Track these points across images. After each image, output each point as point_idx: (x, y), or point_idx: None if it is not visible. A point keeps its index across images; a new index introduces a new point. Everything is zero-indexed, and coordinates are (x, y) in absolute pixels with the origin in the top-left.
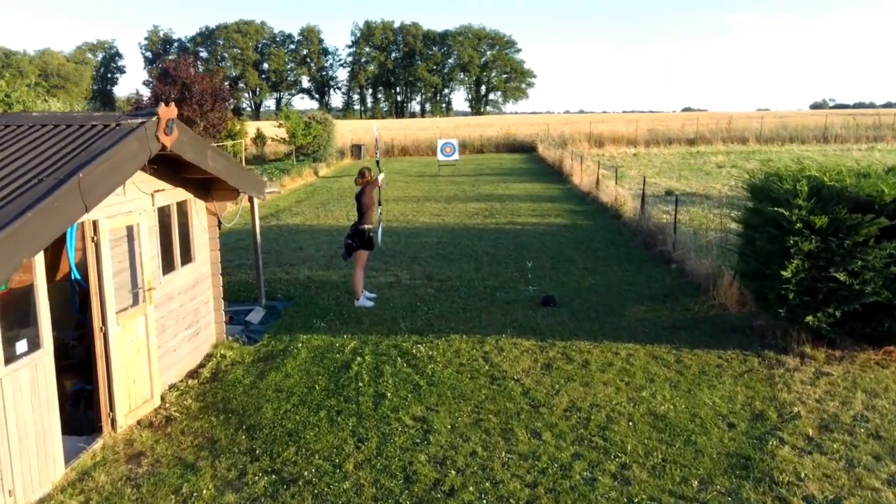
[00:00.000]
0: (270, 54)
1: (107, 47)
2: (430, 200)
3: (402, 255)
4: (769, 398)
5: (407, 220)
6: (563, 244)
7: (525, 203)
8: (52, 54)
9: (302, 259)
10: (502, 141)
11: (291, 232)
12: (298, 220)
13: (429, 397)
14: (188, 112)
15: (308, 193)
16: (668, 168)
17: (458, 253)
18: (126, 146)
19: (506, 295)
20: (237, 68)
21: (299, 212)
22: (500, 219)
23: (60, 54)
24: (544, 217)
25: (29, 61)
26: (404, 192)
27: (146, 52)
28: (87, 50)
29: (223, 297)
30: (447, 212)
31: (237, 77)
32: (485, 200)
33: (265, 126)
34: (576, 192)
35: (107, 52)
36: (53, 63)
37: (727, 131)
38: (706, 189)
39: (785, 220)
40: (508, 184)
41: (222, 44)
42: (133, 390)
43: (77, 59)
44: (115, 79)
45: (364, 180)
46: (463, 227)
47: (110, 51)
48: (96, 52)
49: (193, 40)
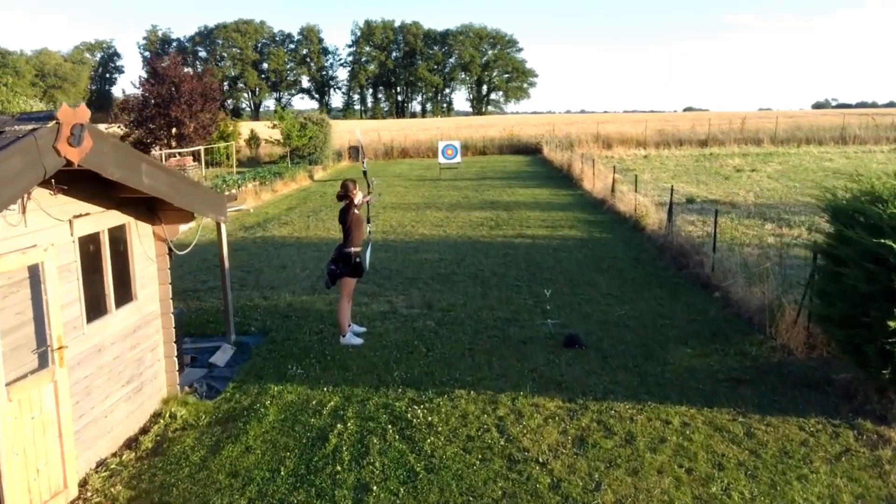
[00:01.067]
0: (270, 54)
1: (105, 47)
2: (431, 208)
3: (399, 276)
4: (885, 499)
5: (405, 231)
6: (582, 263)
7: (534, 212)
8: (49, 54)
9: (284, 280)
10: (506, 142)
11: (277, 246)
12: (286, 231)
13: (427, 493)
14: (177, 112)
15: (300, 199)
16: (683, 171)
17: (462, 273)
18: (2, 163)
19: (520, 330)
20: (236, 68)
21: (289, 221)
22: (507, 230)
23: (58, 54)
24: (557, 228)
25: (26, 61)
26: (403, 199)
27: (145, 51)
28: (85, 50)
29: (186, 333)
30: (449, 222)
31: (236, 77)
32: (490, 208)
33: (260, 127)
34: (588, 199)
35: (105, 52)
36: (50, 63)
37: (740, 132)
38: (729, 195)
39: (893, 255)
40: (514, 189)
41: (221, 43)
42: (36, 483)
43: (75, 59)
44: (114, 79)
45: (349, 195)
46: (467, 241)
47: (108, 51)
48: (94, 52)
49: (192, 40)
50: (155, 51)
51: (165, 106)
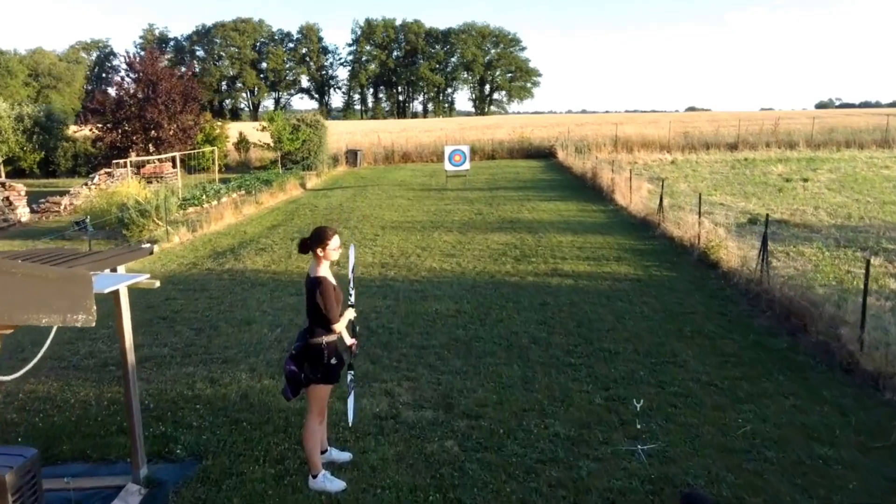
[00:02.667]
0: (269, 53)
1: (101, 46)
2: (439, 229)
3: (403, 342)
4: None
5: (408, 264)
6: (652, 321)
7: (565, 235)
8: (43, 53)
9: (245, 348)
10: (516, 145)
11: (246, 285)
12: (263, 261)
13: None
14: (153, 114)
15: (287, 215)
16: (724, 181)
17: (489, 338)
18: None
19: (597, 464)
20: (234, 67)
21: (268, 245)
22: (538, 264)
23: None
24: (600, 261)
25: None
26: (405, 215)
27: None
28: (81, 49)
29: (79, 455)
30: (463, 249)
31: (234, 77)
32: (510, 229)
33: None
34: (627, 217)
35: (101, 52)
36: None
37: (773, 134)
38: (794, 214)
39: None
40: (534, 203)
41: (219, 42)
42: None
43: (70, 58)
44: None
45: (321, 247)
46: (489, 280)
47: (105, 50)
48: (90, 51)
49: (190, 39)
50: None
51: (141, 107)
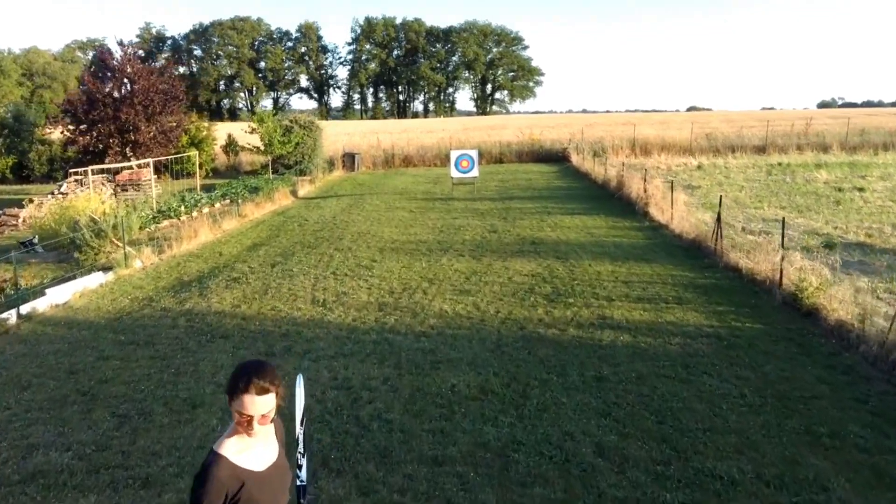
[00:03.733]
0: (267, 52)
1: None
2: (448, 252)
3: (407, 451)
4: None
5: (413, 305)
6: (763, 413)
7: (602, 262)
8: (38, 53)
9: (179, 454)
10: (525, 148)
11: (204, 336)
12: (231, 298)
13: None
14: (128, 115)
15: (273, 230)
16: (766, 190)
17: (531, 442)
18: None
19: None
20: (232, 67)
21: (242, 274)
22: (578, 307)
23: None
24: (657, 304)
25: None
26: (407, 232)
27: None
28: (77, 48)
29: None
30: (479, 282)
31: (233, 76)
32: (533, 253)
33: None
34: (669, 237)
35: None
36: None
37: (804, 136)
38: (873, 235)
39: None
40: (556, 216)
41: (217, 41)
42: None
43: (66, 57)
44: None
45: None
46: (518, 334)
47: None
48: (86, 50)
49: (187, 38)
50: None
51: (116, 107)
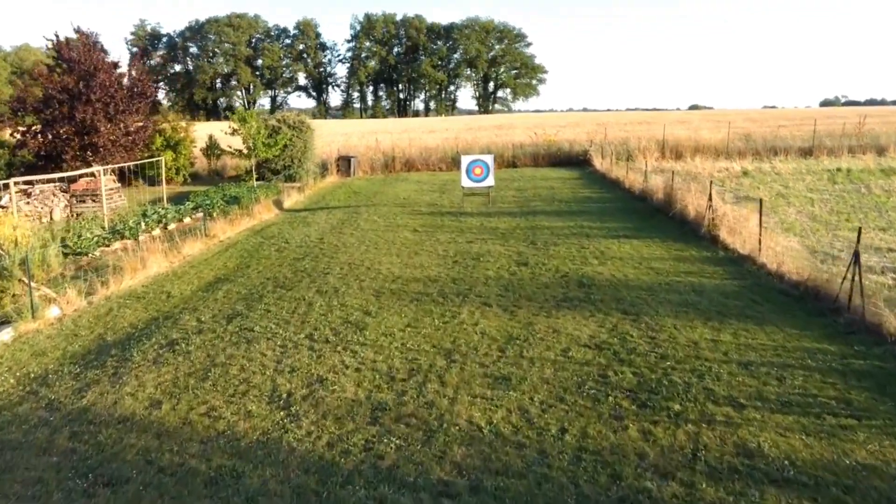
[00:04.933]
0: (264, 49)
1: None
2: (469, 299)
3: None
4: None
5: (426, 417)
6: None
7: (692, 324)
8: (29, 50)
9: None
10: (541, 150)
11: (85, 480)
12: (153, 385)
13: None
14: (85, 114)
15: (244, 256)
16: (842, 204)
17: None
18: None
19: None
20: (229, 64)
21: (185, 334)
22: (694, 426)
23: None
24: (822, 422)
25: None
26: (411, 263)
27: (132, 48)
28: None
29: None
30: (520, 358)
31: (229, 74)
32: (587, 303)
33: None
34: (762, 276)
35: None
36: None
37: (857, 137)
38: None
39: None
40: (597, 240)
41: (213, 39)
42: None
43: None
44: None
45: None
46: (615, 495)
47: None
48: None
49: (183, 35)
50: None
51: (72, 105)
